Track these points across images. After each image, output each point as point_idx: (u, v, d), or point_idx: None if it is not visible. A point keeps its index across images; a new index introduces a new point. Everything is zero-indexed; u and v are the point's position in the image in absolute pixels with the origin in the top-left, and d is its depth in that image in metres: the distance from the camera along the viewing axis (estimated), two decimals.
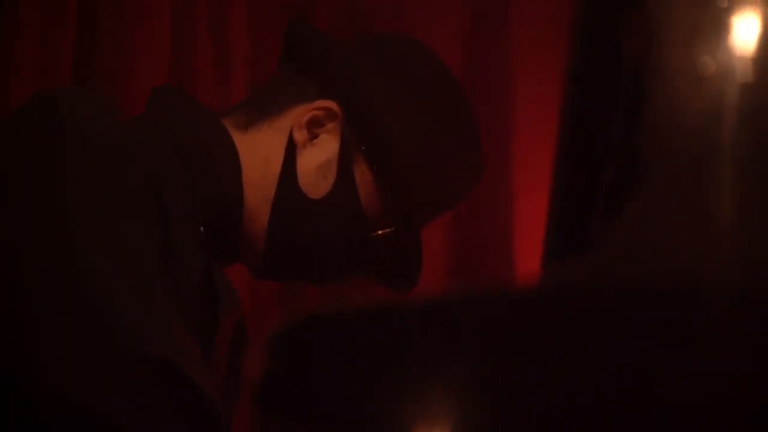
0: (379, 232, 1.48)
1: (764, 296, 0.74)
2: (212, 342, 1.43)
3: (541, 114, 2.45)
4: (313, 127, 1.47)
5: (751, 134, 0.74)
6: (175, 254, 1.31)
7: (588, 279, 0.76)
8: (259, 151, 1.47)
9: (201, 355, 1.33)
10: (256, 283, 2.42)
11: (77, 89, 1.65)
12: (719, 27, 0.76)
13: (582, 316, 0.74)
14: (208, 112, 1.49)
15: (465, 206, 2.60)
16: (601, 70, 0.82)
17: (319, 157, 1.47)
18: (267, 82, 1.57)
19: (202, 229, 1.40)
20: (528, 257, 2.52)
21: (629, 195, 0.77)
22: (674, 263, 0.75)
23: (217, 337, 1.44)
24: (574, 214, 0.83)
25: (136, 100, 2.31)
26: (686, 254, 0.74)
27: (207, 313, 1.40)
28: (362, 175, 1.47)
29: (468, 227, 2.61)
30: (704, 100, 0.75)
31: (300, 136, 1.47)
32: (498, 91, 2.60)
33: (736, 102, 0.75)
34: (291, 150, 1.47)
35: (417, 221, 1.51)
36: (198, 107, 1.50)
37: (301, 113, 1.47)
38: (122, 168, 1.28)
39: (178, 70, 2.44)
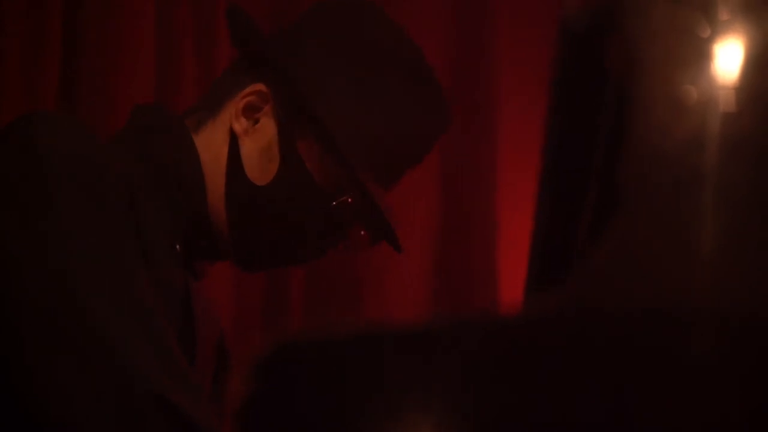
0: (338, 201, 1.46)
1: (744, 322, 0.74)
2: (192, 360, 1.42)
3: (524, 140, 2.46)
4: (251, 113, 1.47)
5: (732, 163, 0.75)
6: (157, 275, 1.31)
7: (570, 306, 0.76)
8: (210, 150, 1.47)
9: (201, 387, 1.33)
10: (239, 295, 2.43)
11: (53, 113, 1.64)
12: (701, 56, 0.77)
13: (564, 342, 0.74)
14: (177, 120, 1.49)
15: (448, 233, 2.61)
16: (583, 98, 0.82)
17: (260, 143, 1.46)
18: (215, 79, 1.58)
19: (178, 247, 1.40)
20: (511, 283, 2.52)
21: (611, 222, 0.77)
22: (655, 290, 0.75)
23: (196, 355, 1.43)
24: (556, 241, 0.83)
25: (121, 121, 2.32)
26: (667, 281, 0.75)
27: (185, 331, 1.40)
28: (308, 149, 1.46)
29: (451, 254, 2.61)
30: (685, 128, 0.76)
31: (239, 125, 1.46)
32: (482, 117, 2.60)
33: (717, 131, 0.75)
34: (233, 141, 1.46)
35: (377, 183, 1.48)
36: (167, 117, 1.49)
37: (236, 103, 1.47)
38: (101, 191, 1.27)
39: (162, 91, 2.44)
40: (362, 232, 1.49)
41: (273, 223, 1.46)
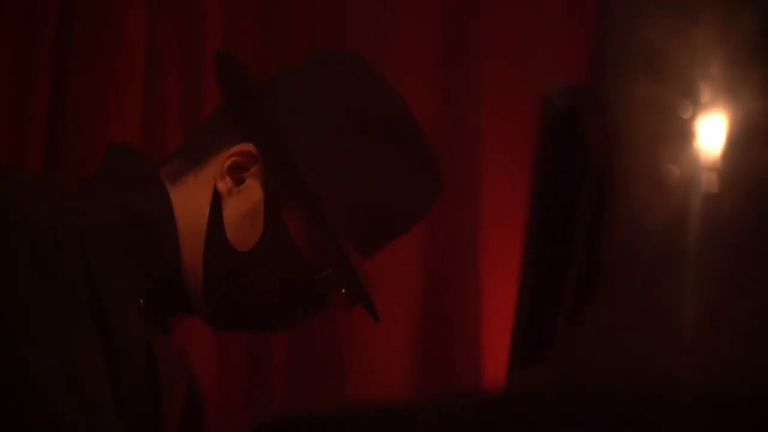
0: (323, 273, 1.40)
1: (725, 400, 0.74)
2: (159, 412, 1.39)
3: (508, 212, 2.45)
4: (237, 172, 1.40)
5: (713, 242, 0.75)
6: (113, 333, 1.27)
7: (553, 384, 0.76)
8: (188, 205, 1.41)
9: None
10: (221, 362, 2.42)
11: (7, 170, 1.59)
12: (683, 136, 0.77)
13: (547, 420, 0.74)
14: (153, 169, 1.43)
15: (431, 303, 2.60)
16: (565, 175, 0.83)
17: (244, 205, 1.39)
18: (196, 127, 1.52)
19: (142, 301, 1.35)
20: (495, 358, 2.50)
21: (593, 300, 0.77)
22: (637, 368, 0.75)
23: (165, 403, 1.40)
24: (539, 319, 0.83)
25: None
26: (647, 360, 0.75)
27: (150, 386, 1.36)
28: (293, 217, 1.39)
29: (434, 326, 2.59)
30: (667, 207, 0.76)
31: (223, 185, 1.39)
32: (465, 186, 2.60)
33: (698, 210, 0.76)
34: (216, 201, 1.40)
35: (359, 251, 1.41)
36: (141, 164, 1.43)
37: (222, 160, 1.40)
38: (53, 253, 1.23)
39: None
40: (343, 290, 1.44)
41: (250, 290, 1.40)
